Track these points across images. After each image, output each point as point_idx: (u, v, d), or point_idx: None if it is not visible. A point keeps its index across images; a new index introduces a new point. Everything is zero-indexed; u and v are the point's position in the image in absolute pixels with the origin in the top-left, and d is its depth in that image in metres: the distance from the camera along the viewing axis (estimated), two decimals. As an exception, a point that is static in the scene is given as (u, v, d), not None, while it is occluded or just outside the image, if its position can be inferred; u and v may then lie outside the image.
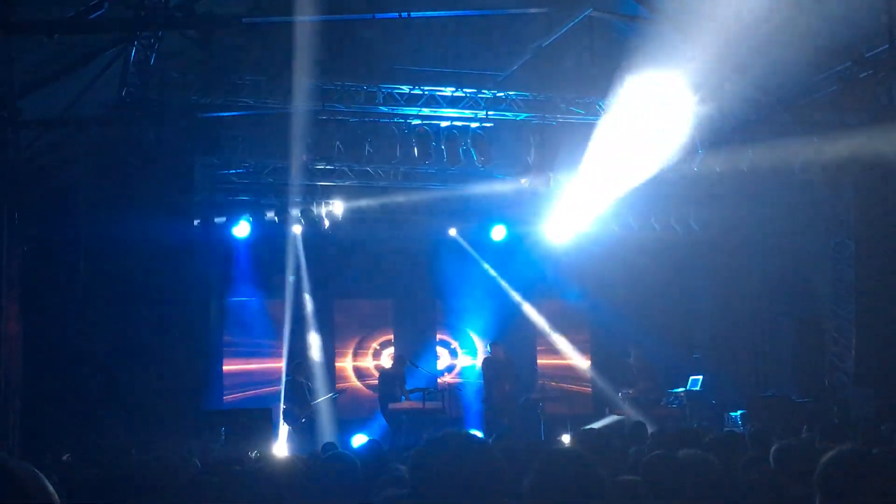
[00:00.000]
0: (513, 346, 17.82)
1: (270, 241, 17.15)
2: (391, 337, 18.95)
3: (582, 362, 18.67)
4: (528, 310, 18.98)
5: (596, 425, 15.50)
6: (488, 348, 17.11)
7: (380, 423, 16.69)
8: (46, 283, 14.42)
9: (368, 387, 18.14)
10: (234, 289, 17.90)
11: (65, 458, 9.96)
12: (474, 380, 18.03)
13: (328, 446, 8.91)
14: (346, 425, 16.94)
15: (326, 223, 16.94)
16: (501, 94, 13.75)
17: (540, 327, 18.96)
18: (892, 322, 13.78)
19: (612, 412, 16.37)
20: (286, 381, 16.30)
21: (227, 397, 17.65)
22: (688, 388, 16.11)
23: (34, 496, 1.86)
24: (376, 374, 17.69)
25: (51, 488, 1.90)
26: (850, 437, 8.15)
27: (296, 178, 15.09)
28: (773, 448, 5.28)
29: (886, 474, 3.51)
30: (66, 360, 13.95)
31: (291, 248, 17.36)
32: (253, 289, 17.90)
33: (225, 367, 17.84)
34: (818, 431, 8.67)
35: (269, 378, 17.79)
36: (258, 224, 16.54)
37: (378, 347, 18.90)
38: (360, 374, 18.70)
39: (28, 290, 13.60)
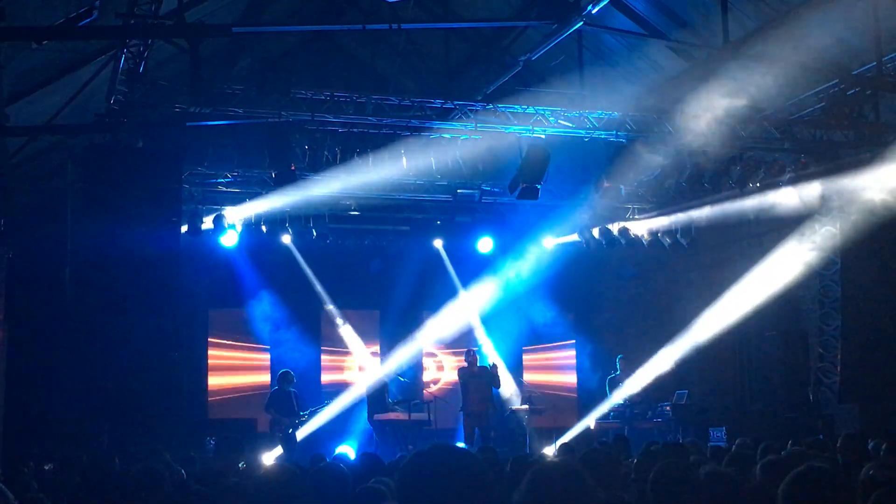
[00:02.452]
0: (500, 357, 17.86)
1: (258, 250, 17.14)
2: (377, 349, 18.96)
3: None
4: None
5: (568, 437, 15.54)
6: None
7: (365, 433, 16.63)
8: (32, 290, 14.36)
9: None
10: (220, 297, 17.87)
11: (47, 467, 9.89)
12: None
13: (317, 458, 8.85)
14: (332, 435, 16.87)
15: (314, 233, 16.93)
16: (490, 106, 13.76)
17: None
18: (877, 338, 13.82)
19: (599, 425, 16.39)
20: (273, 391, 16.24)
21: (212, 403, 17.61)
22: (674, 401, 16.11)
23: None
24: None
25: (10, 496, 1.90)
26: (836, 453, 8.18)
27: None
28: (759, 463, 5.27)
29: (844, 492, 3.53)
30: (50, 367, 13.89)
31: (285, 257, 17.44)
32: (240, 297, 17.87)
33: (210, 376, 17.79)
34: (804, 447, 8.69)
35: (255, 387, 17.74)
36: (246, 233, 16.51)
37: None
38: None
39: (13, 297, 13.54)
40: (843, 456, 7.92)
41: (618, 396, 16.27)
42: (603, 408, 16.45)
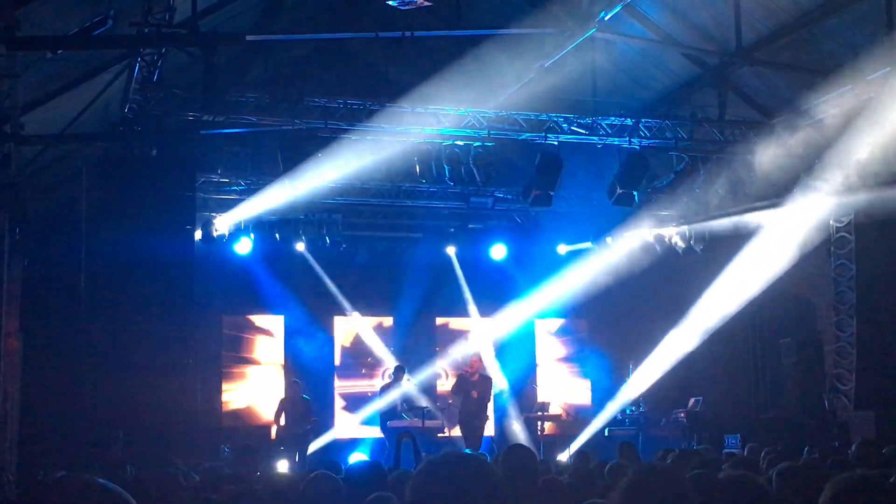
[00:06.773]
0: (513, 364, 17.84)
1: (272, 257, 17.18)
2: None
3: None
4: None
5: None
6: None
7: (377, 443, 16.60)
8: (46, 298, 14.42)
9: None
10: (234, 304, 17.89)
11: (60, 474, 9.90)
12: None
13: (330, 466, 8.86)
14: (345, 444, 16.87)
15: (328, 240, 16.96)
16: (503, 113, 13.76)
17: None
18: (893, 344, 13.75)
19: (612, 432, 16.36)
20: (286, 400, 16.25)
21: (226, 410, 17.63)
22: (688, 408, 16.06)
23: None
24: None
25: None
26: (852, 460, 8.12)
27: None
28: (775, 470, 5.25)
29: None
30: (65, 375, 13.92)
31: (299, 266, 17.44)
32: (253, 304, 17.89)
33: (224, 383, 17.80)
34: (819, 454, 8.64)
35: (269, 393, 17.75)
36: (260, 241, 16.56)
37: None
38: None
39: (28, 304, 13.60)
40: (865, 462, 7.86)
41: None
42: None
